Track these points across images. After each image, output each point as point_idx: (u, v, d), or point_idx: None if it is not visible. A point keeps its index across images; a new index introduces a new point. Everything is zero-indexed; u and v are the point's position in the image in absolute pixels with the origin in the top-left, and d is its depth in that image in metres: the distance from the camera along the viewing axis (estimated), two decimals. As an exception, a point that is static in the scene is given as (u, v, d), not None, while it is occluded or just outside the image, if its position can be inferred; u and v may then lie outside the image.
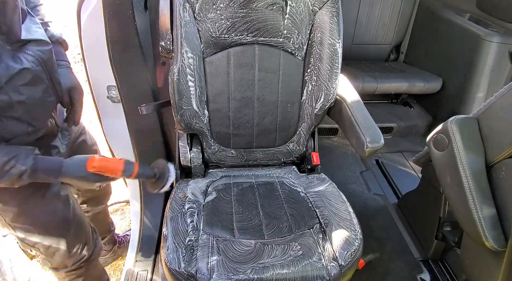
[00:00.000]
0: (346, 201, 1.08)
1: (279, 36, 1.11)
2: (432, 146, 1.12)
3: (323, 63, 1.11)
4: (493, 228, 0.94)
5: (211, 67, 1.11)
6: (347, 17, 2.08)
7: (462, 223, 1.03)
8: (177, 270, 0.85)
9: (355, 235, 0.95)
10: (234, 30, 1.08)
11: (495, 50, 1.77)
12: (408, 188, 1.59)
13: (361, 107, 1.08)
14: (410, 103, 2.32)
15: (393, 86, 2.05)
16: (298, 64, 1.16)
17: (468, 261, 1.14)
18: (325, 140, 2.10)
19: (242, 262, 0.88)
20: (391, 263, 1.39)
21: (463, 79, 1.92)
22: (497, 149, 0.97)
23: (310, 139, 1.28)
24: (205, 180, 1.19)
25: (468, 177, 0.97)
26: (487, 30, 1.80)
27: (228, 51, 1.11)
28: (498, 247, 0.93)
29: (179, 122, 1.11)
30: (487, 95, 1.87)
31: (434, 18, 2.10)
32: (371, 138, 0.97)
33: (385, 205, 1.65)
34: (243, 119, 1.19)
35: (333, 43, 1.08)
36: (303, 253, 0.91)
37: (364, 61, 2.34)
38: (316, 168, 1.28)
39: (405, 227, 1.54)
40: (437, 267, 1.37)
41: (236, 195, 1.13)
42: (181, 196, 1.07)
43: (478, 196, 0.96)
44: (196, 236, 0.94)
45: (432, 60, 2.16)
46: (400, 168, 1.94)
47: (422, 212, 1.46)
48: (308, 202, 1.11)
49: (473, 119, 1.04)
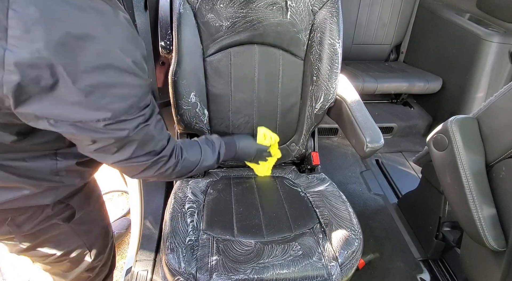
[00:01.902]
0: (346, 201, 1.08)
1: (279, 36, 1.11)
2: (432, 146, 1.12)
3: (323, 63, 1.11)
4: (493, 228, 0.94)
5: (211, 67, 1.11)
6: (347, 17, 2.09)
7: (462, 223, 1.03)
8: (177, 270, 0.85)
9: (355, 235, 0.95)
10: (234, 30, 1.08)
11: (495, 50, 1.77)
12: (408, 188, 1.59)
13: (361, 107, 1.08)
14: (410, 103, 2.32)
15: (393, 86, 2.05)
16: (298, 64, 1.16)
17: (468, 261, 1.14)
18: (325, 140, 2.10)
19: (242, 262, 0.88)
20: (391, 263, 1.39)
21: (463, 79, 1.92)
22: (497, 149, 0.96)
23: (310, 139, 1.28)
24: (205, 180, 1.19)
25: (468, 177, 0.97)
26: (487, 30, 1.80)
27: (228, 51, 1.11)
28: (498, 247, 0.93)
29: (179, 122, 1.11)
30: (487, 95, 1.87)
31: (434, 18, 2.10)
32: (371, 138, 0.97)
33: (385, 205, 1.65)
34: (243, 119, 1.19)
35: (333, 43, 1.08)
36: (303, 253, 0.91)
37: (364, 61, 2.34)
38: (316, 168, 1.28)
39: (405, 227, 1.54)
40: (437, 267, 1.37)
41: (236, 195, 1.13)
42: (181, 196, 1.07)
43: (478, 196, 0.96)
44: (196, 236, 0.94)
45: (432, 60, 2.16)
46: (400, 168, 1.94)
47: (422, 212, 1.46)
48: (308, 202, 1.11)
49: (473, 119, 1.04)
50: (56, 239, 0.87)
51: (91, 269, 1.02)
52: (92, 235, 0.96)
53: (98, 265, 1.04)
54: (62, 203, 0.83)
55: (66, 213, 0.85)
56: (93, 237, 0.97)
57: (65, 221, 0.85)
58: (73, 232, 0.89)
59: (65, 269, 0.97)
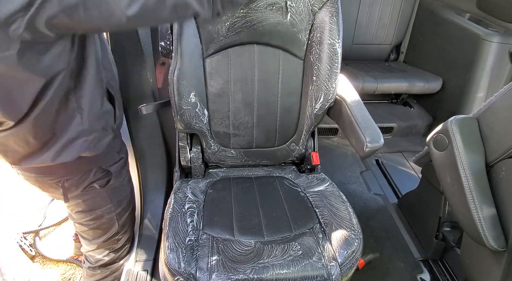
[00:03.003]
0: (346, 201, 1.08)
1: (279, 36, 1.11)
2: (432, 146, 1.12)
3: (323, 63, 1.11)
4: (493, 228, 0.94)
5: (211, 67, 1.11)
6: (347, 17, 2.08)
7: (462, 223, 1.03)
8: (177, 270, 0.85)
9: (355, 235, 0.95)
10: (234, 30, 1.08)
11: (495, 50, 1.76)
12: (408, 188, 1.59)
13: (361, 107, 1.08)
14: (410, 103, 2.32)
15: (393, 86, 2.05)
16: (298, 64, 1.16)
17: (468, 261, 1.14)
18: (325, 140, 2.10)
19: (242, 262, 0.88)
20: (391, 263, 1.38)
21: (463, 79, 1.92)
22: (497, 149, 0.96)
23: (310, 139, 1.28)
24: (205, 180, 1.19)
25: (468, 177, 0.97)
26: (487, 30, 1.80)
27: (228, 51, 1.11)
28: (498, 247, 0.93)
29: (179, 122, 1.11)
30: (487, 95, 1.87)
31: (434, 18, 2.10)
32: (371, 138, 0.97)
33: (385, 205, 1.65)
34: (243, 119, 1.19)
35: (333, 43, 1.08)
36: (303, 253, 0.91)
37: (364, 61, 2.34)
38: (316, 168, 1.28)
39: (405, 227, 1.54)
40: (437, 267, 1.37)
41: (236, 195, 1.13)
42: (181, 196, 1.07)
43: (478, 196, 0.96)
44: (196, 236, 0.94)
45: (432, 60, 2.16)
46: (400, 168, 1.94)
47: (422, 212, 1.46)
48: (308, 202, 1.11)
49: (473, 119, 1.04)
50: (93, 202, 1.05)
51: (116, 240, 1.18)
52: (121, 204, 1.13)
53: (122, 238, 1.20)
54: (103, 170, 1.02)
55: (104, 179, 1.03)
56: (121, 207, 1.13)
57: (102, 186, 1.03)
58: (107, 197, 1.07)
59: (94, 234, 1.13)
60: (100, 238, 1.15)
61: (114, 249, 1.21)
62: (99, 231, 1.13)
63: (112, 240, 1.17)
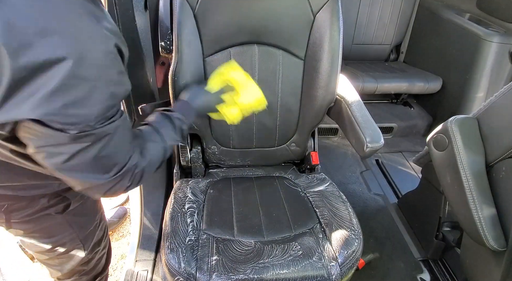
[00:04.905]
0: (346, 201, 1.08)
1: (279, 36, 1.11)
2: (432, 146, 1.12)
3: (323, 63, 1.11)
4: (493, 228, 0.94)
5: (211, 67, 1.11)
6: (347, 17, 2.09)
7: (462, 223, 1.03)
8: (177, 270, 0.85)
9: (355, 235, 0.95)
10: (234, 30, 1.08)
11: (495, 50, 1.77)
12: (408, 188, 1.59)
13: (361, 107, 1.08)
14: (410, 103, 2.32)
15: (393, 86, 2.05)
16: (298, 64, 1.16)
17: (468, 261, 1.14)
18: (325, 140, 2.10)
19: (242, 262, 0.88)
20: (391, 263, 1.39)
21: (463, 79, 1.92)
22: (497, 149, 0.97)
23: (310, 139, 1.28)
24: (205, 180, 1.19)
25: (468, 177, 0.97)
26: (487, 30, 1.80)
27: (228, 51, 1.11)
28: (498, 247, 0.93)
29: (179, 122, 1.11)
30: (487, 95, 1.87)
31: (434, 18, 2.10)
32: (371, 138, 0.97)
33: (385, 205, 1.65)
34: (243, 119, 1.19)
35: (333, 43, 1.08)
36: (303, 253, 0.91)
37: (364, 61, 2.34)
38: (316, 168, 1.28)
39: (405, 227, 1.54)
40: (437, 267, 1.37)
41: (236, 195, 1.13)
42: (181, 196, 1.07)
43: (478, 196, 0.96)
44: (196, 236, 0.94)
45: (432, 60, 2.16)
46: (400, 168, 1.94)
47: (422, 212, 1.46)
48: (308, 202, 1.11)
49: (473, 119, 1.04)
50: (49, 230, 0.87)
51: (86, 262, 1.01)
52: (85, 228, 0.96)
53: (93, 258, 1.03)
54: (59, 196, 0.83)
55: (61, 205, 0.85)
56: (87, 230, 0.96)
57: (59, 212, 0.86)
58: (66, 224, 0.89)
59: (59, 261, 0.97)
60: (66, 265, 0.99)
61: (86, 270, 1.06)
62: (62, 258, 0.96)
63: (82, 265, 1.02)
